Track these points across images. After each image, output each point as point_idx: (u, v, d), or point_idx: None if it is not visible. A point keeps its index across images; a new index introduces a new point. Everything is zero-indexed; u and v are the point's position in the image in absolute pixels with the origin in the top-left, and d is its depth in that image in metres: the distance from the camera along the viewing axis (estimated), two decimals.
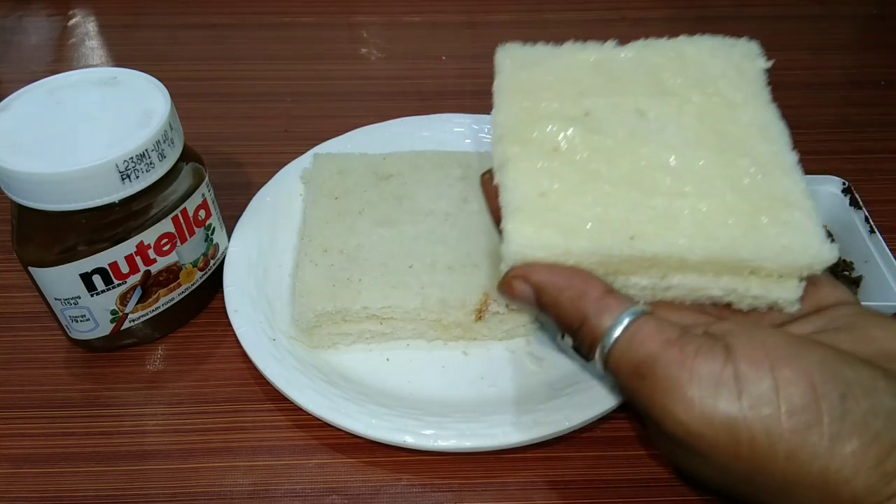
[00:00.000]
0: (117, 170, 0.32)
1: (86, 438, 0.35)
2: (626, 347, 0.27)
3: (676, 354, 0.26)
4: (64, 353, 0.39)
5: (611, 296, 0.28)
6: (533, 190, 0.30)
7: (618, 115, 0.32)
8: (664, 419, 0.26)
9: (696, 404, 0.25)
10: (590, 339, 0.28)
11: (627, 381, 0.27)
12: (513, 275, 0.29)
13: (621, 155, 0.31)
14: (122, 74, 0.37)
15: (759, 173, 0.30)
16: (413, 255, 0.39)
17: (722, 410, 0.25)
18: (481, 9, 0.68)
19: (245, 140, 0.53)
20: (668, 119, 0.32)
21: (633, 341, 0.27)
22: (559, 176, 0.30)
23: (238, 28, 0.66)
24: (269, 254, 0.42)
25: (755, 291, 0.29)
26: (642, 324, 0.27)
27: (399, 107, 0.54)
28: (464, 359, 0.38)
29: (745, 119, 0.31)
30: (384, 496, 0.33)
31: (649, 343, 0.27)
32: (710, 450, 0.25)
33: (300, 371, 0.36)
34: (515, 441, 0.33)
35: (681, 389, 0.25)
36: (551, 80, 0.34)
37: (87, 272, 0.35)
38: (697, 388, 0.25)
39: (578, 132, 0.31)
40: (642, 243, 0.28)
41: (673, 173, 0.30)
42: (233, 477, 0.34)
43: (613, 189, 0.30)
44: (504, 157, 0.31)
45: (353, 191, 0.43)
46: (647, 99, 0.32)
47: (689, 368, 0.26)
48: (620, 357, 0.27)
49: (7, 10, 0.68)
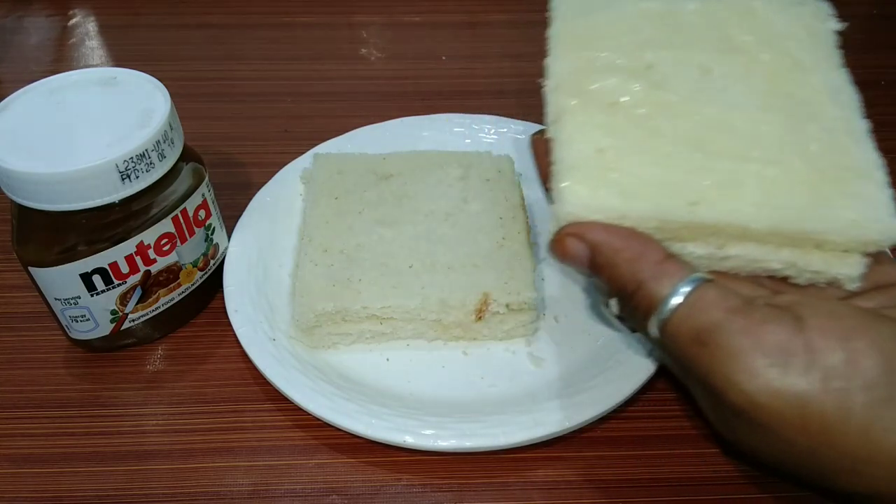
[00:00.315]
0: (117, 170, 0.32)
1: (86, 438, 0.35)
2: (686, 314, 0.26)
3: (742, 322, 0.25)
4: (64, 353, 0.39)
5: (671, 261, 0.27)
6: (590, 146, 0.28)
7: (681, 71, 0.30)
8: (726, 389, 0.25)
9: (762, 374, 0.24)
10: (645, 305, 0.27)
11: (686, 349, 0.26)
12: (567, 232, 0.28)
13: (684, 113, 0.29)
14: (122, 74, 0.37)
15: (829, 140, 0.28)
16: (413, 255, 0.39)
17: (791, 382, 0.24)
18: (481, 9, 0.68)
19: (245, 140, 0.53)
20: (735, 78, 0.30)
21: (694, 308, 0.26)
22: (618, 132, 0.29)
23: (238, 28, 0.66)
24: (269, 254, 0.42)
25: (816, 266, 0.28)
26: (704, 291, 0.26)
27: (399, 107, 0.54)
28: (464, 359, 0.38)
29: (815, 82, 0.30)
30: (384, 496, 0.33)
31: (712, 310, 0.25)
32: (774, 423, 0.24)
33: (300, 371, 0.36)
34: (515, 441, 0.33)
35: (746, 358, 0.24)
36: (611, 29, 0.32)
37: (87, 272, 0.35)
38: (764, 358, 0.24)
39: (640, 86, 0.30)
40: (704, 210, 0.27)
41: (739, 136, 0.29)
42: (233, 477, 0.34)
43: (675, 149, 0.28)
44: (559, 109, 0.30)
45: (353, 191, 0.43)
46: (713, 55, 0.31)
47: (755, 337, 0.24)
48: (680, 324, 0.26)
49: (7, 10, 0.68)
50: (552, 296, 0.41)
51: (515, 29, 0.66)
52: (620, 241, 0.27)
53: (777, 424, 0.24)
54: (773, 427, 0.24)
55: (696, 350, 0.26)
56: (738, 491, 0.33)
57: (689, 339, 0.26)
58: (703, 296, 0.26)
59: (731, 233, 0.28)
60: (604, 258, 0.27)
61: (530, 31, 0.65)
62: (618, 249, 0.27)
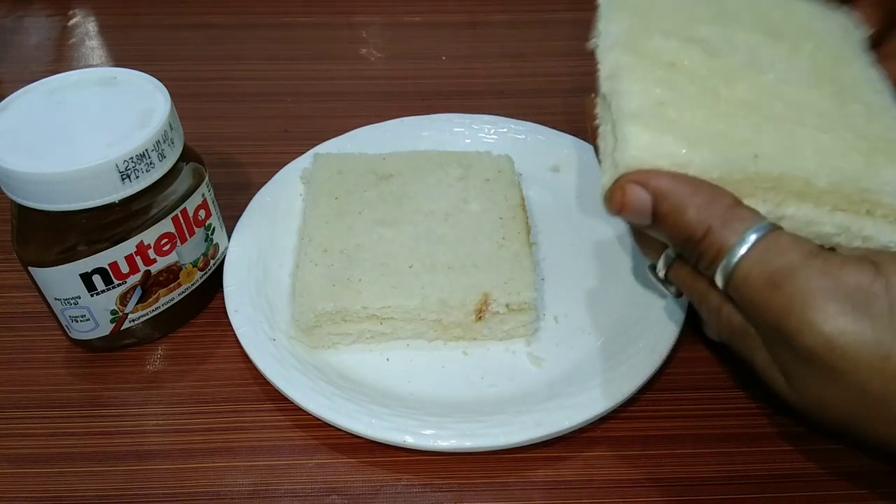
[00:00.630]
0: (117, 170, 0.32)
1: (86, 438, 0.35)
2: (759, 256, 0.25)
3: (820, 264, 0.24)
4: (64, 353, 0.39)
5: (741, 207, 0.27)
6: (650, 98, 0.29)
7: (732, 45, 0.31)
8: (801, 331, 0.24)
9: (841, 315, 0.23)
10: (714, 250, 0.26)
11: (758, 292, 0.25)
12: (628, 179, 0.27)
13: (740, 79, 0.30)
14: (122, 74, 0.37)
15: (874, 117, 0.29)
16: (413, 255, 0.39)
17: (871, 324, 0.23)
18: (481, 9, 0.68)
19: (245, 140, 0.53)
20: (781, 59, 0.31)
21: (768, 251, 0.25)
22: (678, 88, 0.29)
23: (238, 28, 0.66)
24: (269, 254, 0.42)
25: (868, 231, 0.28)
26: (777, 235, 0.26)
27: (399, 107, 0.54)
28: (464, 359, 0.38)
29: (854, 71, 0.31)
30: (384, 496, 0.33)
31: (788, 252, 0.25)
32: (851, 367, 0.23)
33: (300, 371, 0.36)
34: (515, 441, 0.33)
35: (824, 298, 0.24)
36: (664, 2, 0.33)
37: (87, 272, 0.35)
38: (843, 299, 0.23)
39: (697, 51, 0.30)
40: (768, 162, 0.27)
41: (791, 105, 0.29)
42: (233, 477, 0.34)
43: (734, 109, 0.29)
44: (617, 65, 0.30)
45: (353, 191, 0.43)
46: (760, 37, 0.32)
47: (834, 278, 0.24)
48: (752, 267, 0.25)
49: (7, 10, 0.68)
50: (552, 296, 0.41)
51: (515, 29, 0.66)
52: (687, 186, 0.27)
53: (854, 368, 0.23)
54: (849, 372, 0.24)
55: (770, 292, 0.25)
56: (738, 491, 0.33)
57: (763, 282, 0.25)
58: (777, 240, 0.26)
59: (792, 189, 0.28)
60: (669, 204, 0.27)
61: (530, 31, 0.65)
62: (685, 195, 0.27)
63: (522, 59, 0.61)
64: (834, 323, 0.23)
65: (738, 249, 0.26)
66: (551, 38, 0.64)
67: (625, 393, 0.34)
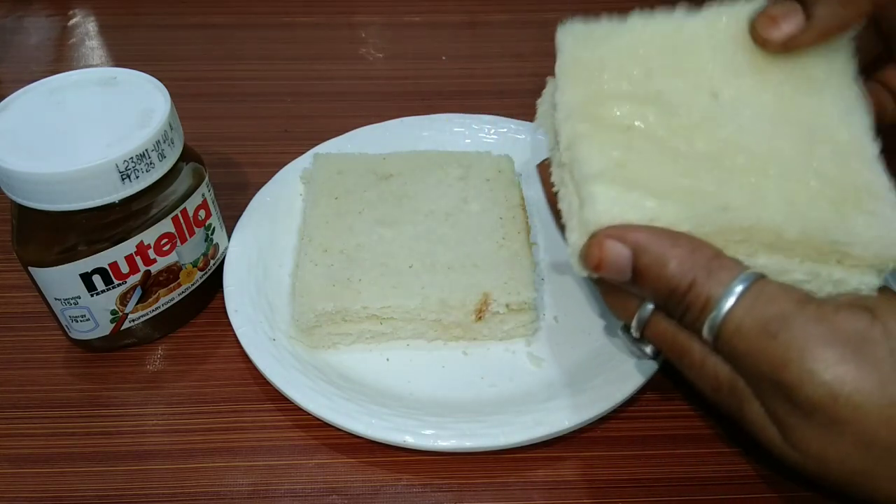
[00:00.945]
0: (117, 170, 0.32)
1: (86, 438, 0.35)
2: (750, 306, 0.25)
3: (815, 311, 0.24)
4: (64, 353, 0.39)
5: (724, 257, 0.26)
6: (610, 161, 0.28)
7: (691, 97, 0.30)
8: (802, 381, 0.23)
9: (842, 364, 0.22)
10: (701, 302, 0.26)
11: (752, 343, 0.24)
12: (605, 234, 0.26)
13: (699, 135, 0.29)
14: (122, 74, 0.37)
15: (841, 161, 0.28)
16: (413, 255, 0.39)
17: (874, 371, 0.22)
18: (481, 9, 0.68)
19: (245, 140, 0.53)
20: (745, 102, 0.30)
21: (758, 299, 0.24)
22: (636, 150, 0.29)
23: (238, 28, 0.66)
24: (269, 254, 0.42)
25: (837, 275, 0.27)
26: (764, 284, 0.25)
27: (399, 107, 0.54)
28: (464, 359, 0.38)
29: (826, 102, 0.30)
30: (384, 496, 0.33)
31: (779, 300, 0.24)
32: (855, 415, 0.22)
33: (300, 371, 0.36)
34: (515, 441, 0.33)
35: (823, 345, 0.23)
36: (617, 60, 0.32)
37: (87, 272, 0.35)
38: (843, 347, 0.23)
39: (653, 112, 0.30)
40: (737, 214, 0.27)
41: (754, 156, 0.29)
42: (233, 477, 0.34)
43: (696, 165, 0.28)
44: (574, 134, 0.30)
45: (353, 191, 0.43)
46: (721, 77, 0.30)
47: (831, 324, 0.23)
48: (743, 317, 0.25)
49: (7, 10, 0.68)
50: (552, 296, 0.41)
51: (515, 29, 0.66)
52: (667, 239, 0.26)
53: (859, 418, 0.22)
54: (854, 421, 0.23)
55: (765, 343, 0.24)
56: (738, 491, 0.33)
57: (757, 332, 0.24)
58: (765, 288, 0.25)
59: (763, 240, 0.27)
60: (650, 258, 0.26)
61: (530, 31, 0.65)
62: (666, 247, 0.26)
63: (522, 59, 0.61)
64: (835, 371, 0.23)
65: (726, 300, 0.25)
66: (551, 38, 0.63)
67: (625, 393, 0.34)
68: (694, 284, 0.26)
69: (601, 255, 0.27)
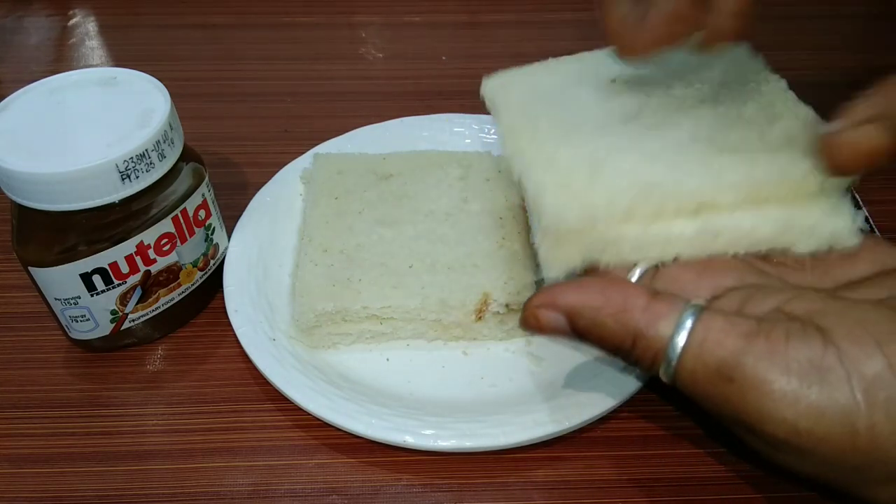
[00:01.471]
0: (117, 170, 0.32)
1: (86, 438, 0.35)
2: (698, 352, 0.24)
3: (764, 345, 0.23)
4: (64, 353, 0.39)
5: (659, 300, 0.25)
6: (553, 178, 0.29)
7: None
8: (763, 422, 0.23)
9: (800, 397, 0.22)
10: (650, 356, 0.25)
11: (709, 388, 0.24)
12: (535, 304, 0.26)
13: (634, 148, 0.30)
14: (122, 74, 0.37)
15: None
16: (413, 255, 0.39)
17: (832, 399, 0.22)
18: (481, 9, 0.68)
19: (245, 140, 0.53)
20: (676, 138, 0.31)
21: (705, 343, 0.24)
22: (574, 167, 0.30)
23: (238, 28, 0.66)
24: (269, 254, 0.42)
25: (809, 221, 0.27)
26: (708, 321, 0.24)
27: (399, 107, 0.54)
28: (464, 359, 0.38)
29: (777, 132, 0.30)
30: (384, 496, 0.33)
31: (727, 340, 0.23)
32: (819, 445, 0.22)
33: (300, 371, 0.36)
34: (515, 441, 0.33)
35: (779, 384, 0.22)
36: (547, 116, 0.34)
37: (87, 272, 0.35)
38: (798, 379, 0.22)
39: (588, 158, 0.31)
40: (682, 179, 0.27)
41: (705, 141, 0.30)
42: (233, 477, 0.34)
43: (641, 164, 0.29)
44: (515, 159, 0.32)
45: (353, 191, 0.43)
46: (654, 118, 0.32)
47: (783, 358, 0.23)
48: (695, 364, 0.24)
49: (7, 10, 0.68)
50: None
51: (515, 29, 0.66)
52: (598, 295, 0.25)
53: (822, 446, 0.22)
54: (818, 450, 0.23)
55: (722, 387, 0.24)
56: (738, 491, 0.33)
57: (711, 377, 0.24)
58: (710, 326, 0.24)
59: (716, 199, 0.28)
60: (585, 321, 0.26)
61: (530, 31, 0.65)
62: (598, 307, 0.25)
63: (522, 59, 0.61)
64: (795, 408, 0.22)
65: (672, 352, 0.24)
66: (551, 38, 0.64)
67: (625, 393, 0.34)
68: (637, 338, 0.25)
69: (538, 325, 0.27)
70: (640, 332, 0.25)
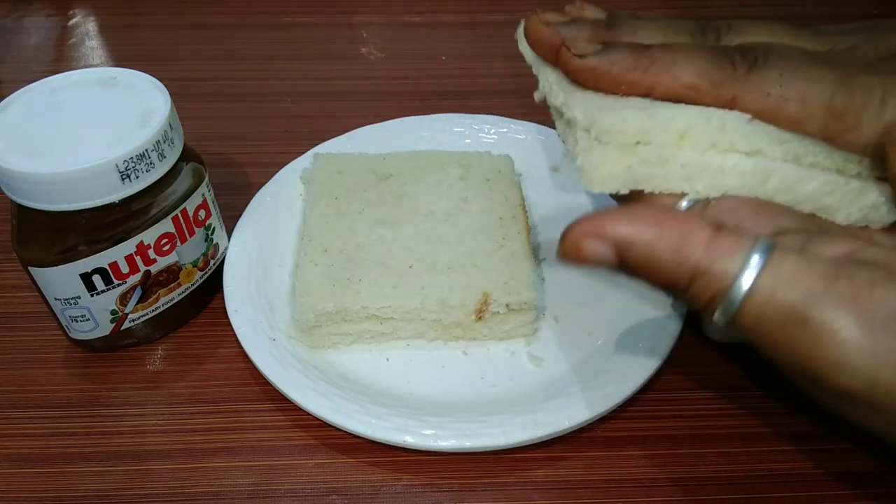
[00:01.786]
0: (117, 170, 0.32)
1: (86, 438, 0.36)
2: (770, 292, 0.21)
3: (846, 289, 0.21)
4: (64, 353, 0.39)
5: (723, 235, 0.22)
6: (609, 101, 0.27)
7: None
8: (837, 373, 0.21)
9: (882, 349, 0.20)
10: (707, 296, 0.22)
11: (776, 332, 0.22)
12: (579, 233, 0.23)
13: None
14: (122, 74, 0.37)
15: None
16: (413, 255, 0.39)
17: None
18: (481, 9, 0.68)
19: (245, 140, 0.53)
20: None
21: (779, 282, 0.21)
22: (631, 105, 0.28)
23: (238, 28, 0.66)
24: (269, 254, 0.42)
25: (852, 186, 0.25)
26: (781, 259, 0.22)
27: (399, 107, 0.54)
28: (464, 359, 0.38)
29: None
30: (384, 496, 0.33)
31: (804, 280, 0.21)
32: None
33: (300, 371, 0.36)
34: (515, 441, 0.33)
35: (860, 330, 0.20)
36: None
37: (87, 272, 0.35)
38: (884, 329, 0.20)
39: None
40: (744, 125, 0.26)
41: None
42: (233, 477, 0.34)
43: None
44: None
45: (353, 191, 0.43)
46: None
47: (867, 305, 0.21)
48: (765, 306, 0.22)
49: (7, 10, 0.68)
50: (552, 296, 0.41)
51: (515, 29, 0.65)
52: (652, 226, 0.23)
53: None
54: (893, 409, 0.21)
55: (792, 332, 0.21)
56: (738, 491, 0.33)
57: (781, 320, 0.21)
58: (783, 265, 0.22)
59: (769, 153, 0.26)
60: (637, 255, 0.23)
61: None
62: (652, 240, 0.22)
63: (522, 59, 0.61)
64: (874, 359, 0.20)
65: (737, 292, 0.22)
66: None
67: (625, 393, 0.34)
68: (696, 277, 0.22)
69: (579, 256, 0.24)
70: (700, 269, 0.22)
